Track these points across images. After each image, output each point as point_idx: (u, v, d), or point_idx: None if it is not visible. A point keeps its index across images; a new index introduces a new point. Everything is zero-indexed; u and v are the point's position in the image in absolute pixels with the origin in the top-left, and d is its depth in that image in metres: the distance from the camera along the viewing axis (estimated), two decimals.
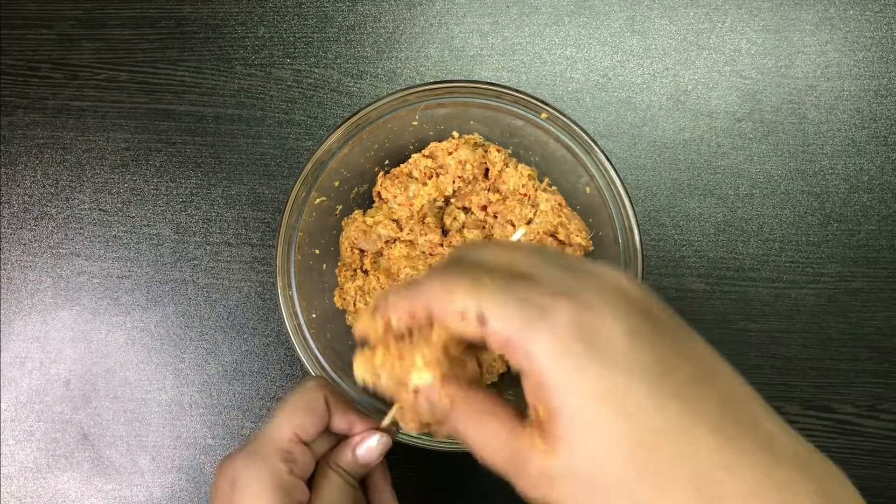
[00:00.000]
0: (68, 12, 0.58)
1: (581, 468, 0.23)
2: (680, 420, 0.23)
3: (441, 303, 0.26)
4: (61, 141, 0.57)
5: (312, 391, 0.37)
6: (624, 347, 0.24)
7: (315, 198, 0.47)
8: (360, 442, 0.37)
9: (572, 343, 0.23)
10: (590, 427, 0.23)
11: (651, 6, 0.56)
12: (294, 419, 0.36)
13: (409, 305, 0.28)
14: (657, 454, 0.23)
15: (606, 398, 0.23)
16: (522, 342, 0.24)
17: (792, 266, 0.54)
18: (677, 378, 0.24)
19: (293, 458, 0.35)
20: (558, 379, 0.23)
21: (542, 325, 0.24)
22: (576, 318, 0.24)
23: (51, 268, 0.57)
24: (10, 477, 0.55)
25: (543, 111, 0.45)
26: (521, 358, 0.24)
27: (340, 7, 0.57)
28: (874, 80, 0.55)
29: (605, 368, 0.23)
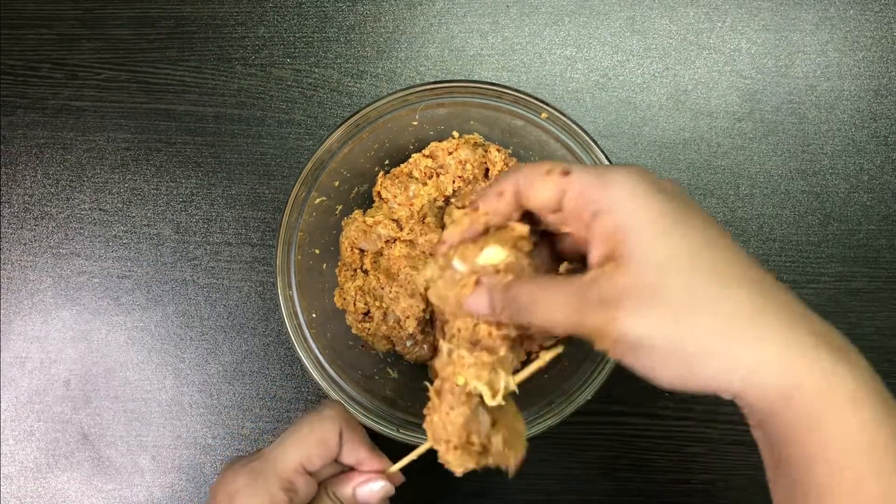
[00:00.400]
0: (68, 12, 0.58)
1: (652, 276, 0.26)
2: (726, 241, 0.27)
3: (529, 171, 0.30)
4: (61, 141, 0.57)
5: (328, 423, 0.36)
6: (680, 192, 0.29)
7: (315, 198, 0.47)
8: (363, 483, 0.38)
9: (643, 179, 0.28)
10: (660, 232, 0.27)
11: (651, 6, 0.56)
12: (303, 450, 0.35)
13: (498, 186, 0.31)
14: (718, 256, 0.27)
15: (672, 214, 0.27)
16: (601, 184, 0.28)
17: (792, 266, 0.54)
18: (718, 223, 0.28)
19: (294, 488, 0.35)
20: (632, 202, 0.27)
21: (619, 172, 0.28)
22: (645, 174, 0.28)
23: (51, 268, 0.57)
24: (10, 477, 0.55)
25: (543, 111, 0.45)
26: (597, 199, 0.28)
27: (340, 7, 0.57)
28: (874, 80, 0.55)
29: (670, 199, 0.27)
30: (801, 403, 0.25)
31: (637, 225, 0.27)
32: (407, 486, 0.54)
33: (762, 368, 0.25)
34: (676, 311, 0.25)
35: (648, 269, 0.26)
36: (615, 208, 0.27)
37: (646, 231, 0.27)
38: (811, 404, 0.25)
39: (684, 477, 0.53)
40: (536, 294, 0.29)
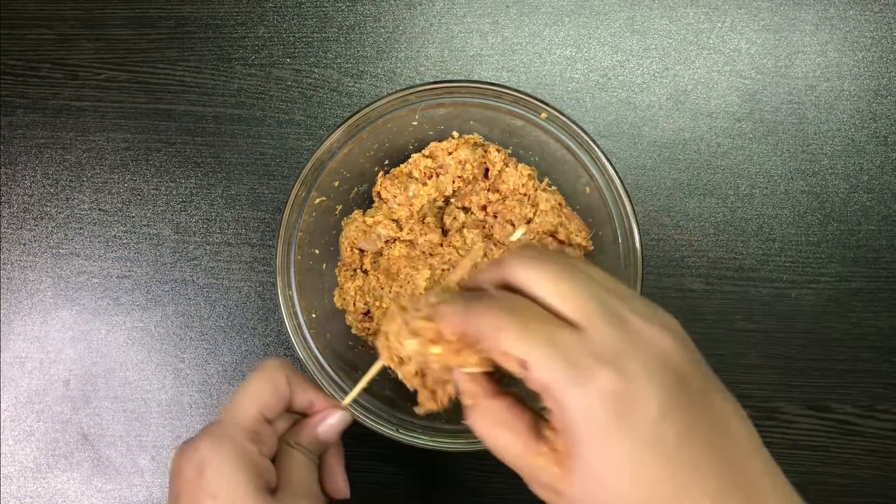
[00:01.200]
0: (68, 12, 0.58)
1: (591, 499, 0.26)
2: (684, 489, 0.25)
3: (489, 338, 0.28)
4: (61, 141, 0.57)
5: (274, 370, 0.37)
6: (653, 424, 0.26)
7: (315, 198, 0.47)
8: (321, 420, 0.38)
9: (606, 411, 0.25)
10: (605, 484, 0.26)
11: (651, 6, 0.56)
12: (259, 398, 0.36)
13: (464, 324, 0.29)
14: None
15: (625, 464, 0.25)
16: (559, 395, 0.26)
17: (792, 266, 0.54)
18: (692, 449, 0.26)
19: (261, 439, 0.35)
20: (585, 436, 0.26)
21: (582, 387, 0.26)
22: (615, 389, 0.25)
23: (51, 268, 0.57)
24: (10, 477, 0.55)
25: (543, 111, 0.45)
26: (553, 405, 0.27)
27: (340, 7, 0.57)
28: (874, 80, 0.55)
29: (631, 440, 0.25)
30: None
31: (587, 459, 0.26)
32: (406, 483, 0.54)
33: None
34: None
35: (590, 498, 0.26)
36: (569, 428, 0.26)
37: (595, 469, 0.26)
38: None
39: None
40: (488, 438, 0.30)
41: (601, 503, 0.26)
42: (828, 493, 0.53)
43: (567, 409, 0.26)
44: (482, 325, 0.28)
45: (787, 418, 0.53)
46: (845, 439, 0.53)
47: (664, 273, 0.54)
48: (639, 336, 0.27)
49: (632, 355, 0.26)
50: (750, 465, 0.27)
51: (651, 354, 0.27)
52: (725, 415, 0.28)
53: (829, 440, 0.53)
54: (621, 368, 0.26)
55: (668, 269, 0.54)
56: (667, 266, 0.55)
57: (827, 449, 0.53)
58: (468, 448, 0.44)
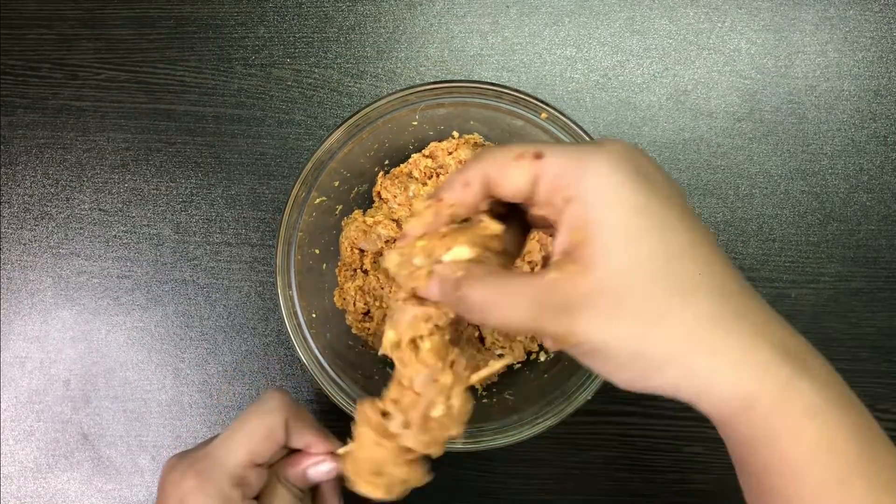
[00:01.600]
0: (68, 12, 0.58)
1: (614, 282, 0.25)
2: (703, 241, 0.26)
3: (498, 157, 0.28)
4: (61, 141, 0.57)
5: (272, 416, 0.36)
6: (663, 180, 0.27)
7: (315, 198, 0.47)
8: (313, 465, 0.38)
9: (624, 167, 0.26)
10: (631, 234, 0.25)
11: (651, 6, 0.56)
12: (251, 444, 0.35)
13: (464, 175, 0.29)
14: (686, 265, 0.25)
15: (647, 211, 0.25)
16: (576, 169, 0.26)
17: (792, 266, 0.54)
18: (696, 219, 0.27)
19: (247, 482, 0.35)
20: (607, 192, 0.25)
21: (598, 154, 0.26)
22: (628, 153, 0.27)
23: (51, 268, 0.57)
24: (10, 477, 0.55)
25: (543, 111, 0.45)
26: (570, 185, 0.26)
27: (340, 7, 0.57)
28: (874, 80, 0.55)
29: (649, 191, 0.26)
30: (756, 416, 0.25)
31: (608, 224, 0.25)
32: None
33: (717, 379, 0.25)
34: (637, 321, 0.25)
35: (613, 274, 0.25)
36: (588, 199, 0.26)
37: (616, 232, 0.25)
38: (766, 417, 0.25)
39: (684, 477, 0.53)
40: (489, 296, 0.27)
41: (625, 280, 0.25)
42: None
43: (586, 175, 0.26)
44: (489, 155, 0.28)
45: None
46: None
47: None
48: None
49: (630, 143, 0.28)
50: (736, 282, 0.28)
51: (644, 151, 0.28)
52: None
53: None
54: (628, 145, 0.27)
55: None
56: None
57: None
58: (468, 448, 0.44)
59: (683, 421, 0.53)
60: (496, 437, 0.44)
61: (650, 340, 0.25)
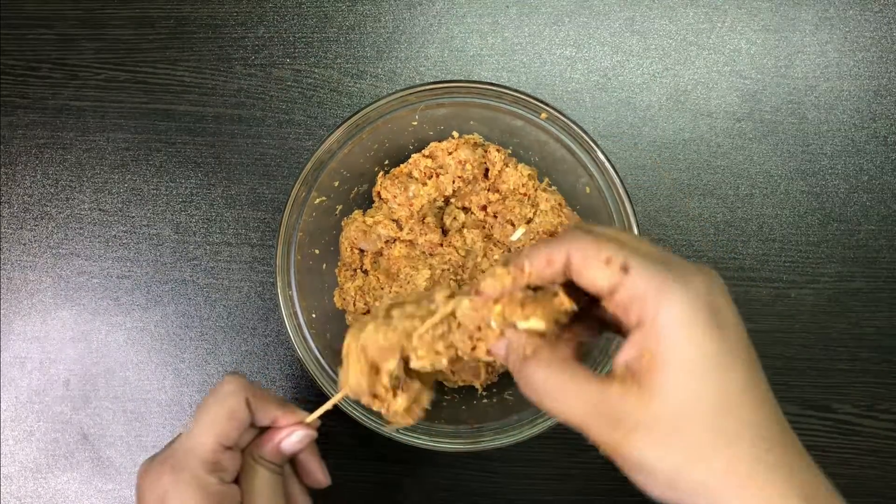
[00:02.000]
0: (68, 12, 0.58)
1: (670, 414, 0.27)
2: (757, 387, 0.28)
3: (587, 249, 0.29)
4: (61, 141, 0.57)
5: (232, 396, 0.36)
6: (733, 324, 0.28)
7: (315, 198, 0.47)
8: (285, 437, 0.38)
9: (702, 310, 0.27)
10: (694, 374, 0.27)
11: (651, 6, 0.56)
12: (216, 428, 0.35)
13: (549, 253, 0.30)
14: (737, 411, 0.27)
15: (714, 358, 0.27)
16: (656, 297, 0.27)
17: (792, 266, 0.54)
18: (758, 371, 0.29)
19: (221, 466, 0.35)
20: (681, 333, 0.27)
21: (679, 289, 0.27)
22: (707, 293, 0.28)
23: (51, 268, 0.57)
24: (10, 477, 0.55)
25: (543, 111, 0.45)
26: (646, 310, 0.27)
27: (340, 7, 0.57)
28: (874, 80, 0.55)
29: (720, 338, 0.27)
30: None
31: (677, 361, 0.27)
32: (407, 483, 0.54)
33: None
34: (684, 454, 0.27)
35: (672, 407, 0.27)
36: (663, 332, 0.27)
37: (683, 369, 0.27)
38: None
39: None
40: (551, 385, 0.29)
41: (682, 415, 0.27)
42: None
43: (665, 309, 0.27)
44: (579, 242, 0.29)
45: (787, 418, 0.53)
46: (845, 439, 0.53)
47: None
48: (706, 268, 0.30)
49: (710, 274, 0.29)
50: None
51: (720, 281, 0.29)
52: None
53: (829, 440, 0.53)
54: (709, 279, 0.29)
55: None
56: None
57: (827, 449, 0.53)
58: (468, 448, 0.44)
59: None
60: (496, 437, 0.44)
61: (691, 471, 0.27)
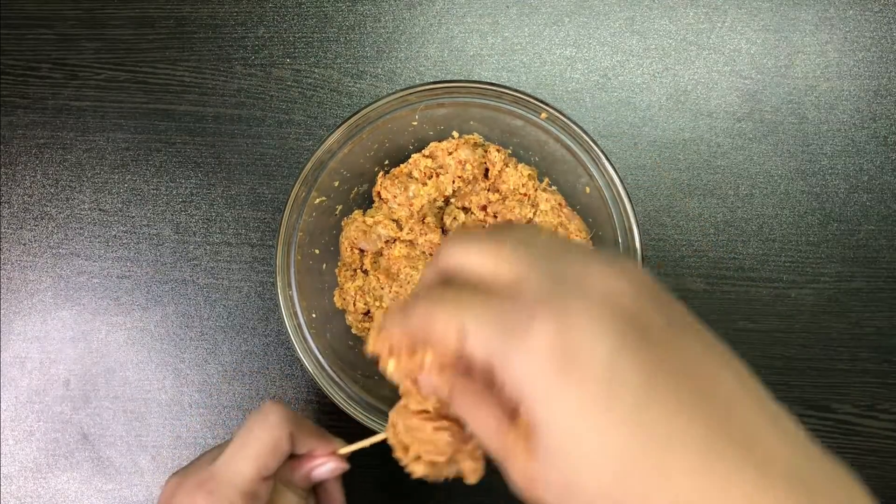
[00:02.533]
0: (68, 12, 0.58)
1: (560, 478, 0.23)
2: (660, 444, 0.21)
3: (426, 327, 0.26)
4: (61, 141, 0.57)
5: (277, 430, 0.36)
6: (606, 368, 0.22)
7: (315, 198, 0.47)
8: (318, 467, 0.38)
9: (548, 364, 0.22)
10: (568, 444, 0.22)
11: (651, 6, 0.56)
12: (258, 460, 0.35)
13: (405, 331, 0.27)
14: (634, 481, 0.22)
15: (585, 417, 0.22)
16: (502, 363, 0.24)
17: (792, 266, 0.54)
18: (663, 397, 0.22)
19: (258, 496, 0.35)
20: (537, 395, 0.23)
21: (519, 345, 0.23)
22: (554, 339, 0.23)
23: (51, 268, 0.57)
24: (10, 477, 0.55)
25: (543, 111, 0.45)
26: (501, 374, 0.24)
27: (340, 7, 0.57)
28: (874, 80, 0.55)
29: (584, 389, 0.22)
30: None
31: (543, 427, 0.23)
32: (407, 483, 0.54)
33: None
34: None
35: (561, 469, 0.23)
36: (521, 395, 0.23)
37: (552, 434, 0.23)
38: None
39: None
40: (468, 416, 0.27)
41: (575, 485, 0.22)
42: None
43: (512, 374, 0.23)
44: (419, 316, 0.26)
45: None
46: (845, 439, 0.53)
47: (664, 273, 0.54)
48: (579, 284, 0.24)
49: (570, 303, 0.23)
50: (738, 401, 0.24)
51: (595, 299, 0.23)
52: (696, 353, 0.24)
53: (829, 440, 0.53)
54: (558, 318, 0.23)
55: (668, 269, 0.54)
56: (667, 266, 0.55)
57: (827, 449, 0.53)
58: None
59: None
60: None
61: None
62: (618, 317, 0.23)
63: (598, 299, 0.23)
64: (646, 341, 0.23)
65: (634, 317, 0.23)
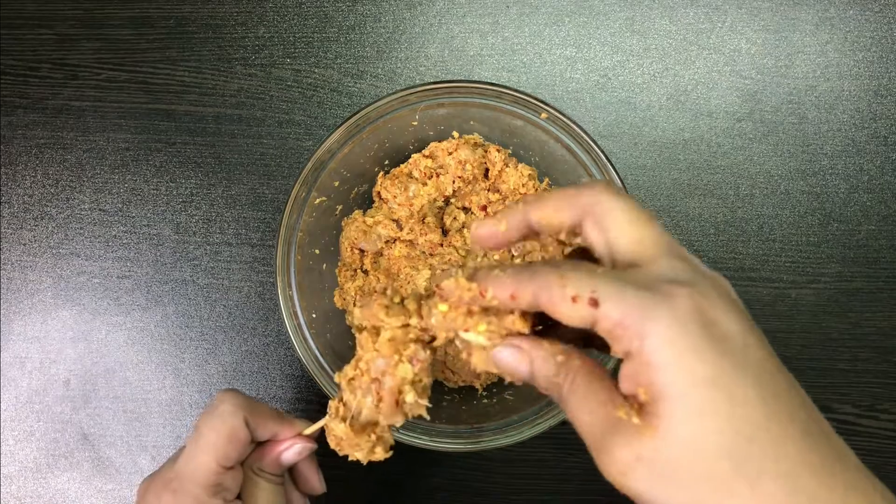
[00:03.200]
0: (68, 12, 0.58)
1: (674, 453, 0.24)
2: (778, 417, 0.24)
3: (553, 287, 0.26)
4: (61, 141, 0.57)
5: (231, 416, 0.36)
6: (739, 341, 0.24)
7: (315, 198, 0.47)
8: (286, 450, 0.38)
9: (692, 327, 0.24)
10: (696, 409, 0.23)
11: (651, 6, 0.56)
12: (216, 451, 0.35)
13: (515, 287, 0.27)
14: (755, 447, 0.23)
15: (717, 383, 0.23)
16: (637, 324, 0.24)
17: (792, 266, 0.54)
18: (778, 380, 0.25)
19: (224, 487, 0.35)
20: (672, 359, 0.24)
21: (662, 308, 0.24)
22: (697, 306, 0.24)
23: (51, 268, 0.57)
24: (10, 477, 0.55)
25: (543, 111, 0.45)
26: (631, 339, 0.24)
27: (340, 7, 0.57)
28: (874, 80, 0.55)
29: (720, 356, 0.24)
30: None
31: (674, 395, 0.24)
32: (406, 483, 0.54)
33: None
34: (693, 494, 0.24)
35: (677, 444, 0.24)
36: (653, 362, 0.24)
37: (683, 404, 0.23)
38: None
39: None
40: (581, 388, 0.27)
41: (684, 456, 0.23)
42: None
43: (648, 337, 0.24)
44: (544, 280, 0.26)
45: None
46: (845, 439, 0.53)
47: None
48: (703, 272, 0.26)
49: (706, 289, 0.25)
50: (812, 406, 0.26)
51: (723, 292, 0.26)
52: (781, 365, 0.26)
53: None
54: (698, 290, 0.25)
55: None
56: None
57: None
58: (468, 448, 0.44)
59: None
60: (496, 437, 0.44)
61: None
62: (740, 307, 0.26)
63: (724, 292, 0.26)
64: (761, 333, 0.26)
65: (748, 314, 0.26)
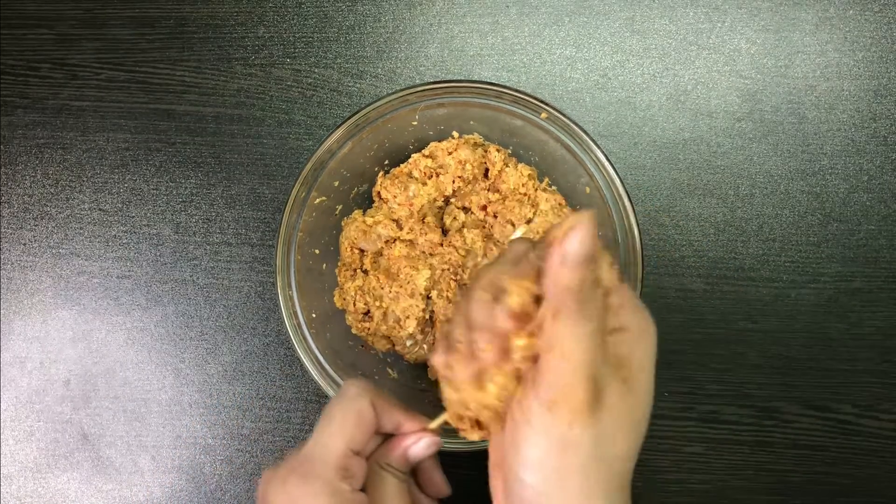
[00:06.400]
0: (68, 12, 0.58)
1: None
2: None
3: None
4: (61, 141, 0.57)
5: (359, 400, 0.35)
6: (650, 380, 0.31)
7: (315, 198, 0.47)
8: (412, 444, 0.37)
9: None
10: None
11: (651, 6, 0.56)
12: (345, 432, 0.34)
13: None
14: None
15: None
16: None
17: (792, 266, 0.54)
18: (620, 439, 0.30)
19: (351, 473, 0.34)
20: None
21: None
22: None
23: (51, 268, 0.57)
24: (10, 477, 0.55)
25: (543, 111, 0.45)
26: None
27: (340, 7, 0.57)
28: (874, 80, 0.55)
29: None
30: None
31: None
32: None
33: None
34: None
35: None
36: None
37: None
38: None
39: (684, 477, 0.53)
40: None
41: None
42: (828, 493, 0.53)
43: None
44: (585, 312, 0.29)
45: (787, 418, 0.53)
46: (845, 439, 0.53)
47: (664, 273, 0.54)
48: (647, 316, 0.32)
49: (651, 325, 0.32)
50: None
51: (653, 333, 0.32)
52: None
53: (829, 440, 0.53)
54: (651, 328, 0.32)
55: (668, 269, 0.54)
56: (667, 266, 0.55)
57: (827, 449, 0.53)
58: (468, 448, 0.44)
59: (683, 421, 0.53)
60: None
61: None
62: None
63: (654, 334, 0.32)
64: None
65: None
